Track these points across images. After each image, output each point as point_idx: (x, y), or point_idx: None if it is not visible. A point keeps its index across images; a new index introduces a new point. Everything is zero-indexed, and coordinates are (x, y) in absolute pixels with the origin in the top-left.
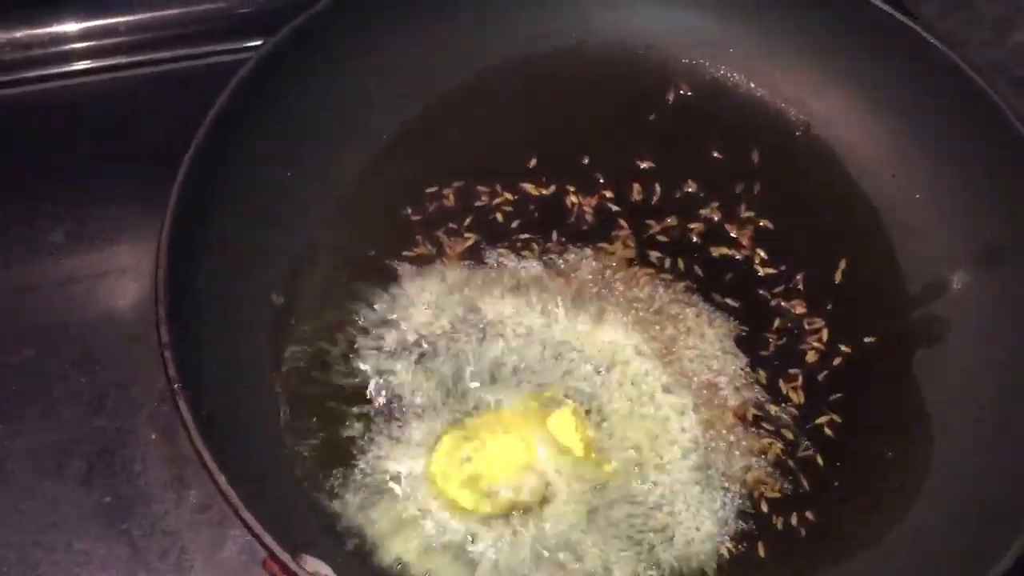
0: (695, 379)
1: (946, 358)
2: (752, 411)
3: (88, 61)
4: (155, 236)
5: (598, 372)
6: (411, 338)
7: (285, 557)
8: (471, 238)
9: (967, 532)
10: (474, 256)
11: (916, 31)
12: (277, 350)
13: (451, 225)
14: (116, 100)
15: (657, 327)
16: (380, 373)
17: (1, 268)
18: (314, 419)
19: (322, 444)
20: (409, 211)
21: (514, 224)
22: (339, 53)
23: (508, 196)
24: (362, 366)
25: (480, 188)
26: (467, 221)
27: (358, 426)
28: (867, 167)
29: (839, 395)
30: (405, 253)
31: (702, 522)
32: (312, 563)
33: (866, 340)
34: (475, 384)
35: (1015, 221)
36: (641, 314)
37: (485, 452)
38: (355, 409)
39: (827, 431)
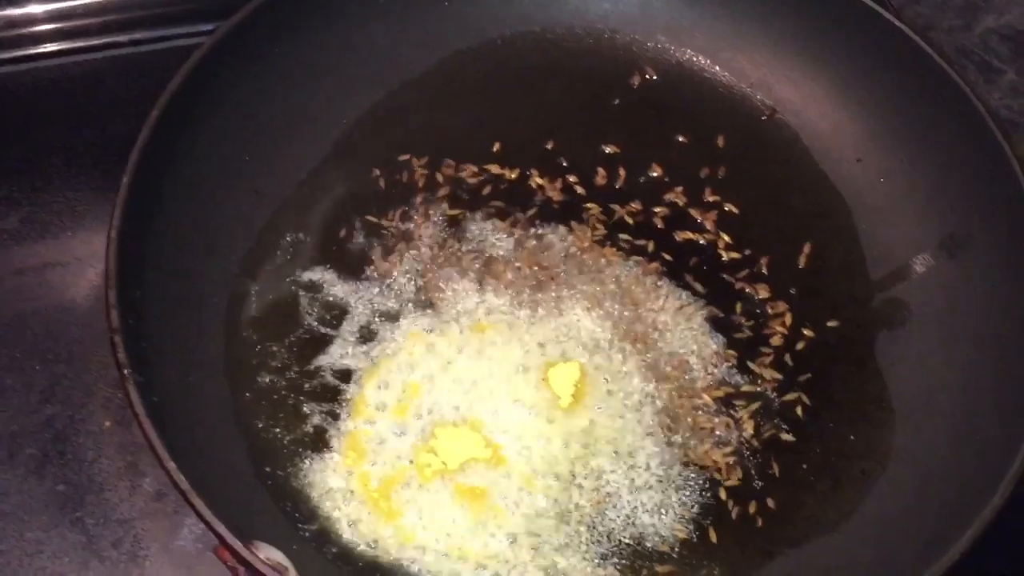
0: (661, 362)
1: (908, 342)
2: (717, 394)
3: (48, 45)
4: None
5: (565, 355)
6: (369, 324)
7: (236, 544)
8: (434, 222)
9: (928, 515)
10: (438, 240)
11: (884, 16)
12: (232, 336)
13: (412, 210)
14: (76, 84)
15: (623, 310)
16: (337, 359)
17: None
18: (270, 406)
19: (279, 431)
20: (371, 195)
21: (478, 209)
22: (300, 36)
23: (474, 179)
24: (319, 353)
25: (443, 173)
26: (430, 205)
27: (315, 413)
28: (832, 152)
29: (803, 379)
30: (366, 238)
31: (660, 504)
32: (265, 550)
33: (829, 324)
34: (438, 371)
35: (979, 207)
36: (605, 297)
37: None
38: (311, 396)
39: (791, 414)
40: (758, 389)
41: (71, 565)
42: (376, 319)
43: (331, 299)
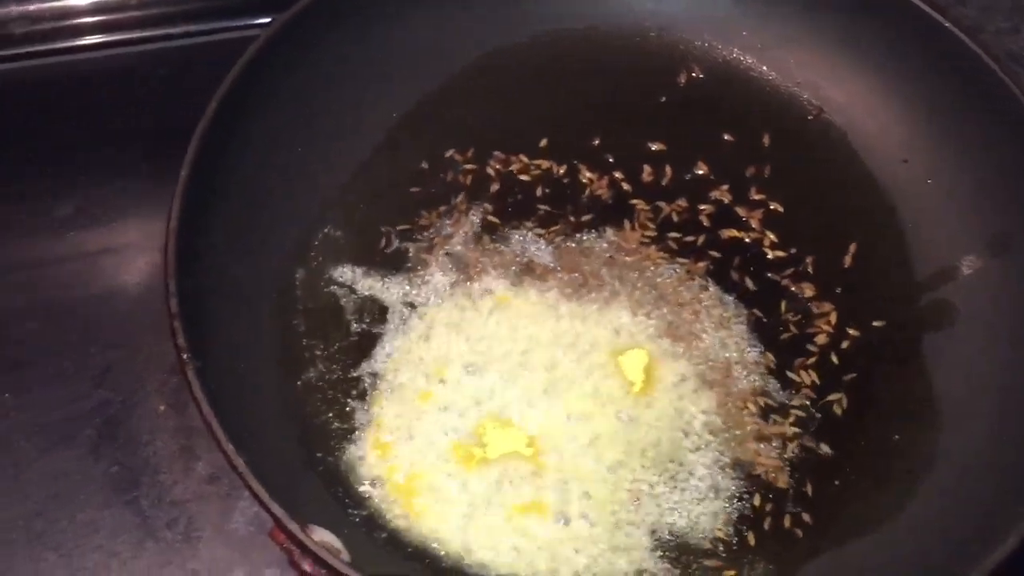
0: (705, 362)
1: (955, 343)
2: (762, 396)
3: (99, 36)
4: (162, 212)
5: (611, 355)
6: (416, 315)
7: (293, 526)
8: (480, 217)
9: (973, 516)
10: (483, 236)
11: (932, 16)
12: (283, 326)
13: (460, 204)
14: (126, 75)
15: (666, 309)
16: (387, 349)
17: (10, 241)
18: (318, 395)
19: (329, 417)
20: (418, 189)
21: (524, 204)
22: (350, 31)
23: (520, 177)
24: (362, 352)
25: (491, 167)
26: (476, 200)
27: (358, 409)
28: (879, 152)
29: (848, 378)
30: (413, 231)
31: (704, 506)
32: (319, 533)
33: (875, 324)
34: (481, 366)
35: None
36: (650, 296)
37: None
38: (362, 383)
39: (836, 414)
40: (803, 391)
41: (126, 545)
42: (415, 316)
43: (371, 295)
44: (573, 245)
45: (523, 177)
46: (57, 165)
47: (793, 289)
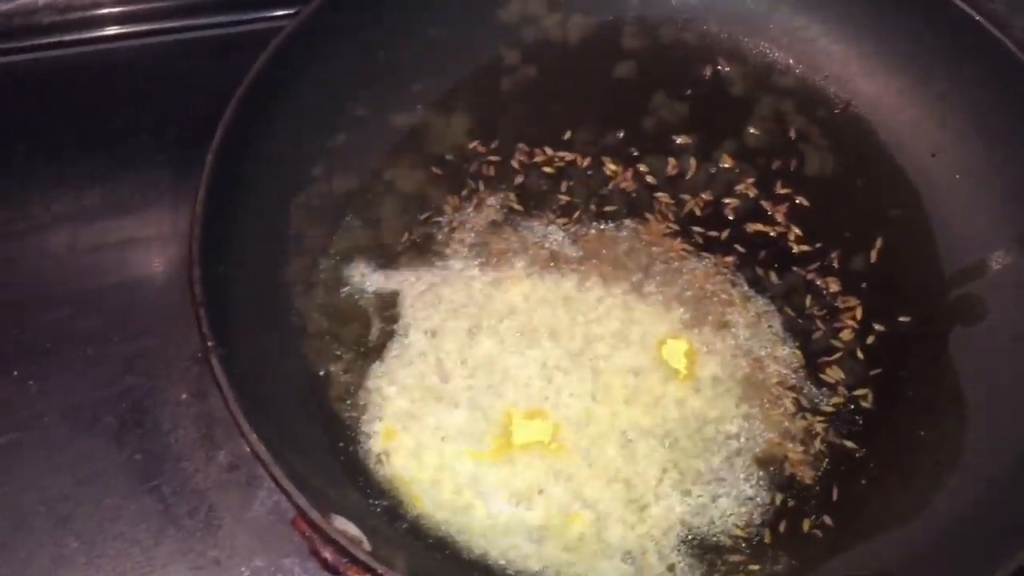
0: (735, 357)
1: (983, 339)
2: (788, 390)
3: (127, 26)
4: (188, 202)
5: (643, 346)
6: (436, 303)
7: (315, 515)
8: (503, 206)
9: (998, 512)
10: (505, 225)
11: (963, 10)
12: (305, 316)
13: (483, 193)
14: (153, 65)
15: (692, 302)
16: (408, 339)
17: (38, 230)
18: (344, 383)
19: (351, 407)
20: (442, 179)
21: (548, 195)
22: (375, 22)
23: (544, 169)
24: (390, 332)
25: (515, 159)
26: (500, 190)
27: (386, 391)
28: (907, 146)
29: (874, 373)
30: (435, 221)
31: (730, 502)
32: (340, 522)
33: (901, 319)
34: (503, 355)
35: None
36: (675, 289)
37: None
38: (383, 373)
39: (862, 409)
40: (830, 388)
41: (148, 532)
42: (435, 304)
43: (391, 285)
44: (597, 236)
45: (547, 169)
46: (84, 155)
47: (819, 284)
